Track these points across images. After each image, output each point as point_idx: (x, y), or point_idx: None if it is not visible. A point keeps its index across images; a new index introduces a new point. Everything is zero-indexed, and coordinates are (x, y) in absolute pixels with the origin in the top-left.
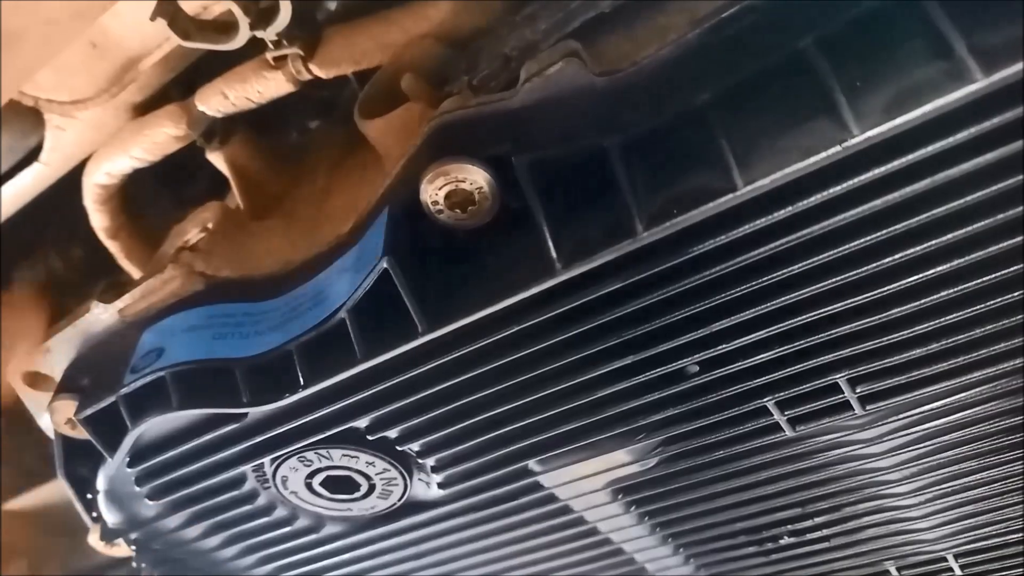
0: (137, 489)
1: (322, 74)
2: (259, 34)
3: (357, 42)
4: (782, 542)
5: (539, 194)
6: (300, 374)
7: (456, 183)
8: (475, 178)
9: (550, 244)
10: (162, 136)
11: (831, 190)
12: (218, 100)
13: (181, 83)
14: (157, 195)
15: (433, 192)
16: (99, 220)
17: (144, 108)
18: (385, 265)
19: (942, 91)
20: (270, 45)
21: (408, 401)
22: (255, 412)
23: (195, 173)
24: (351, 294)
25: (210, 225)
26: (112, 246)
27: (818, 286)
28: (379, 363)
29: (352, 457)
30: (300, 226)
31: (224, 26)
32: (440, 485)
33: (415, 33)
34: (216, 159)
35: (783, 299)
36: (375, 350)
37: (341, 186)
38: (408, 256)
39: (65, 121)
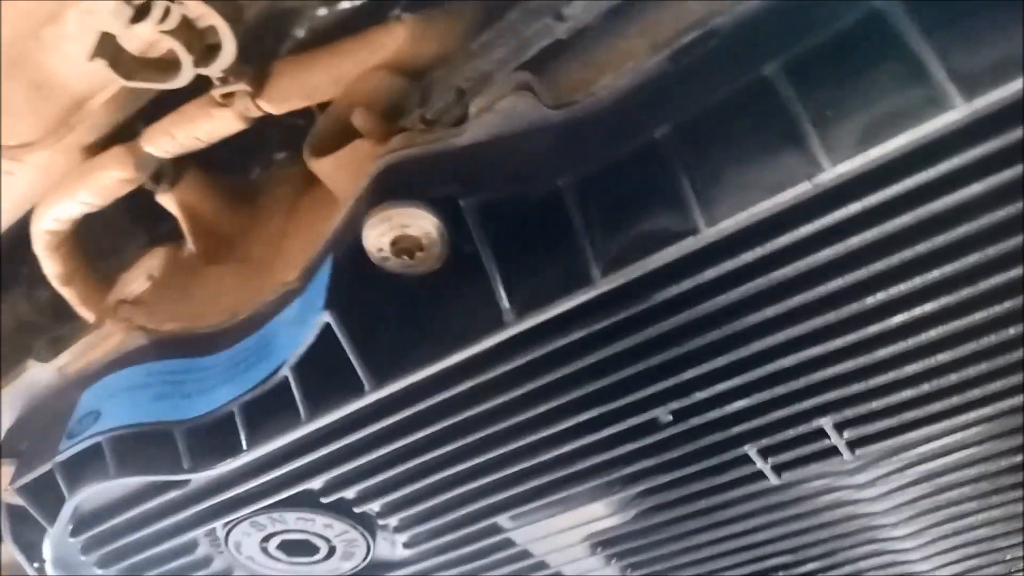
0: (83, 558)
1: (272, 110)
2: (204, 71)
3: (308, 76)
4: None
5: (490, 238)
6: (243, 437)
7: (401, 228)
8: (421, 223)
9: (502, 293)
10: (109, 179)
11: (801, 230)
12: (166, 141)
13: (143, 120)
14: (130, 232)
15: (377, 238)
16: (51, 267)
17: (97, 149)
18: (326, 319)
19: (920, 119)
20: (216, 82)
21: (362, 462)
22: (198, 477)
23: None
24: (293, 350)
25: (155, 274)
26: (67, 293)
27: (795, 328)
28: (325, 424)
29: (308, 520)
30: (253, 270)
31: (168, 64)
32: (406, 545)
33: (369, 64)
34: (166, 201)
35: (758, 344)
36: (320, 410)
37: (297, 226)
38: (354, 307)
39: (14, 165)
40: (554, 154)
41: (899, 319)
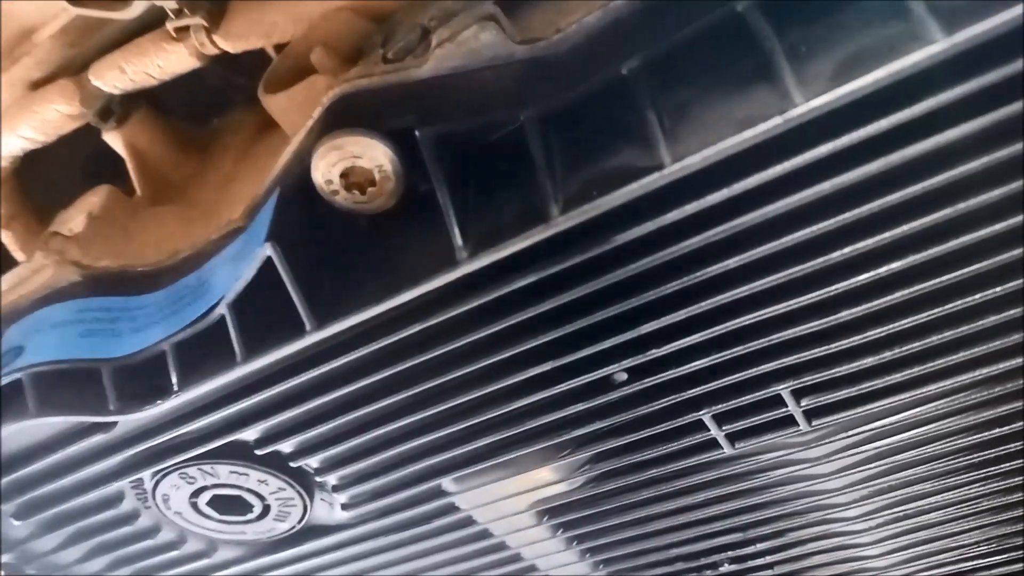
0: (2, 507)
1: (229, 48)
2: (156, 1)
3: (267, 14)
4: (722, 569)
5: (446, 173)
6: (174, 377)
7: (352, 159)
8: (373, 154)
9: (455, 230)
10: (53, 114)
11: (771, 170)
12: (114, 75)
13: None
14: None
15: (326, 170)
16: None
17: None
18: (268, 252)
19: (897, 54)
20: (170, 14)
21: (300, 410)
22: (126, 421)
23: None
24: (232, 287)
25: (95, 211)
26: (4, 236)
27: (758, 283)
28: (264, 366)
29: (241, 474)
30: (196, 213)
31: None
32: (344, 506)
33: (332, 4)
34: (113, 140)
35: (719, 298)
36: (258, 351)
37: (248, 171)
38: (298, 242)
39: None
40: (518, 89)
41: (864, 277)
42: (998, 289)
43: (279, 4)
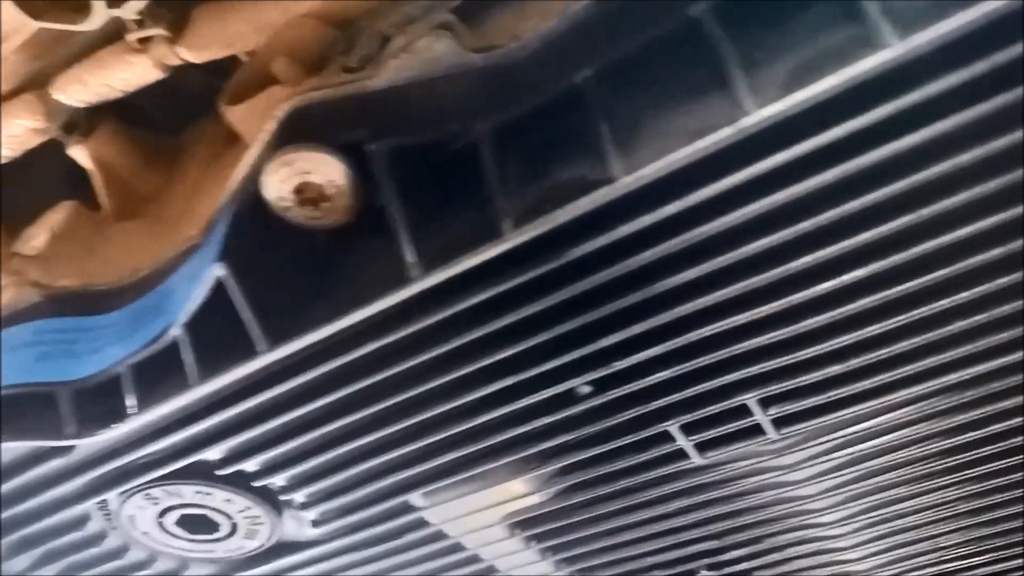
0: None
1: (192, 58)
2: (117, 12)
3: (230, 23)
4: None
5: (399, 188)
6: (131, 400)
7: (303, 175)
8: (326, 169)
9: (408, 246)
10: (18, 128)
11: (725, 180)
12: (77, 88)
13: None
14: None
15: (278, 185)
16: None
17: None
18: (218, 272)
19: (850, 60)
20: (132, 25)
21: (261, 430)
22: (85, 444)
23: None
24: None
25: (56, 228)
26: None
27: (718, 294)
28: (221, 387)
29: (206, 494)
30: (162, 228)
31: (80, 5)
32: (314, 523)
33: (295, 12)
34: (77, 154)
35: (679, 309)
36: (212, 372)
37: (212, 183)
38: (251, 261)
39: None
40: (473, 100)
41: (827, 286)
42: (964, 295)
43: (242, 13)
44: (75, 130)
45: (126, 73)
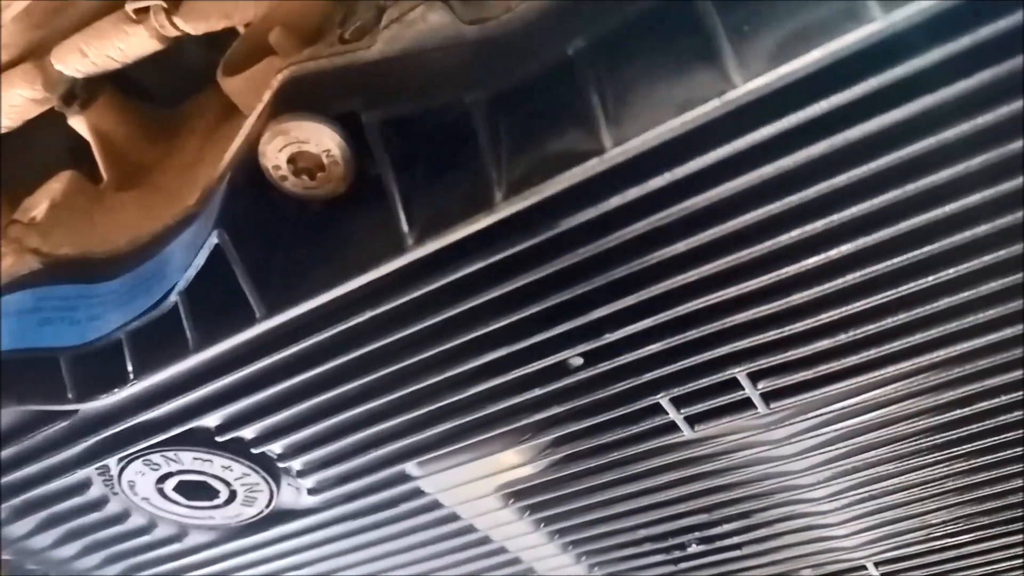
0: None
1: (189, 29)
2: None
3: None
4: (690, 550)
5: (394, 158)
6: (130, 366)
7: (299, 144)
8: (320, 139)
9: (402, 216)
10: (17, 99)
11: (713, 153)
12: (76, 58)
13: None
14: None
15: (274, 154)
16: None
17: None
18: (216, 240)
19: (836, 33)
20: None
21: (259, 397)
22: (85, 409)
23: None
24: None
25: (57, 197)
26: None
27: (708, 266)
28: (219, 353)
29: (205, 461)
30: (160, 198)
31: None
32: (311, 491)
33: None
34: (78, 124)
35: (670, 282)
36: (210, 339)
37: (211, 154)
38: (248, 229)
39: None
40: (466, 70)
41: (817, 259)
42: (954, 270)
43: None
44: (74, 100)
45: (124, 43)
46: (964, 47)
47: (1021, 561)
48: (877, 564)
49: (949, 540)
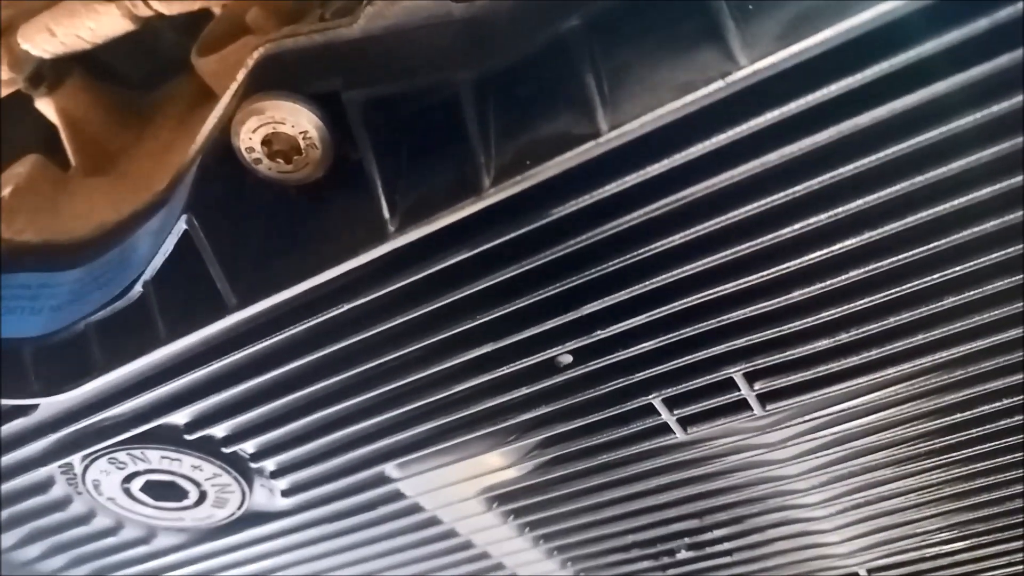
0: None
1: (163, 9)
2: None
3: None
4: (679, 556)
5: (375, 141)
6: (95, 357)
7: (274, 125)
8: (297, 120)
9: (383, 201)
10: None
11: (716, 138)
12: (44, 37)
13: None
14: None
15: (247, 136)
16: None
17: None
18: (184, 226)
19: (848, 13)
20: None
21: (230, 393)
22: (48, 403)
23: None
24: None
25: (20, 182)
26: None
27: (705, 261)
28: (189, 345)
29: (173, 460)
30: (129, 184)
31: None
32: (285, 493)
33: None
34: (45, 107)
35: (664, 276)
36: (181, 329)
37: (183, 140)
38: (219, 214)
39: None
40: (453, 49)
41: (818, 255)
42: (956, 270)
43: None
44: (42, 82)
45: (94, 23)
46: (981, 29)
47: (1016, 570)
48: (870, 572)
49: (943, 547)
